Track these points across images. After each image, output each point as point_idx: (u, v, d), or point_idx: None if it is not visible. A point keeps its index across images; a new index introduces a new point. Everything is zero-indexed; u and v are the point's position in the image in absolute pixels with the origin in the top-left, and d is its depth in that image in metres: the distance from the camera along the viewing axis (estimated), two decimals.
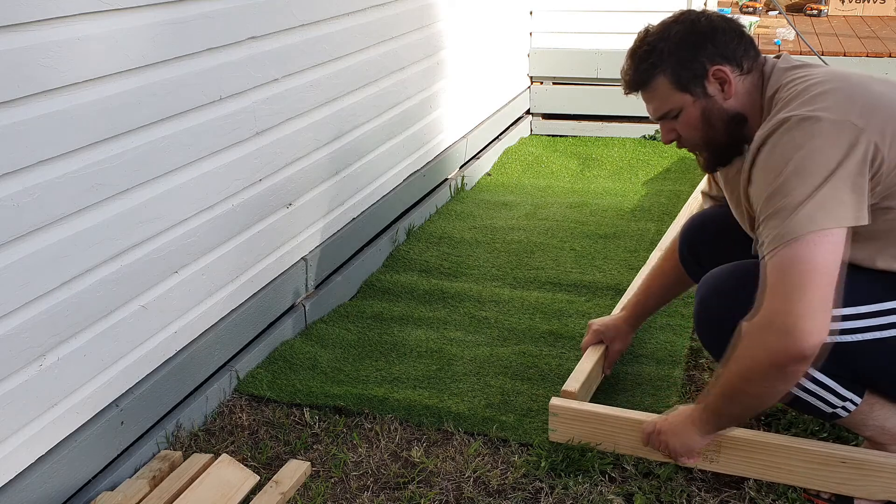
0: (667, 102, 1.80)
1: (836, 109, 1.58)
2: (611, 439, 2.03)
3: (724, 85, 1.76)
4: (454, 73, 3.93)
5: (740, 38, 1.77)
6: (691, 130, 1.81)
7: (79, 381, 1.93)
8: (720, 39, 1.76)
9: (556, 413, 2.06)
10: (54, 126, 1.76)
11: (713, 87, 1.76)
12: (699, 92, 1.77)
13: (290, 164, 2.65)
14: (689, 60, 1.75)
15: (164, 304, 2.16)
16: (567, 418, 2.06)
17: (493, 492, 1.98)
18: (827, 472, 1.84)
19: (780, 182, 1.57)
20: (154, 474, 2.01)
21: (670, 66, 1.76)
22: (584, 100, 4.91)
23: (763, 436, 1.91)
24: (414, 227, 3.53)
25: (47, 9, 1.71)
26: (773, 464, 1.89)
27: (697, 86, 1.76)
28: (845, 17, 6.19)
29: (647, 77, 1.80)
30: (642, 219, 3.61)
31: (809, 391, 1.76)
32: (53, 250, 1.80)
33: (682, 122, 1.81)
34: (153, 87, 2.02)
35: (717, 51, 1.75)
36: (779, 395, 1.67)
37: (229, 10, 2.26)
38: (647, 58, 1.78)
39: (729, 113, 1.78)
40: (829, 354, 1.67)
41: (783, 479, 1.89)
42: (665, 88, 1.79)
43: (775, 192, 1.58)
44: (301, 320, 2.75)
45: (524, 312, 2.83)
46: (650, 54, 1.78)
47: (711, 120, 1.78)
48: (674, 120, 1.82)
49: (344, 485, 2.04)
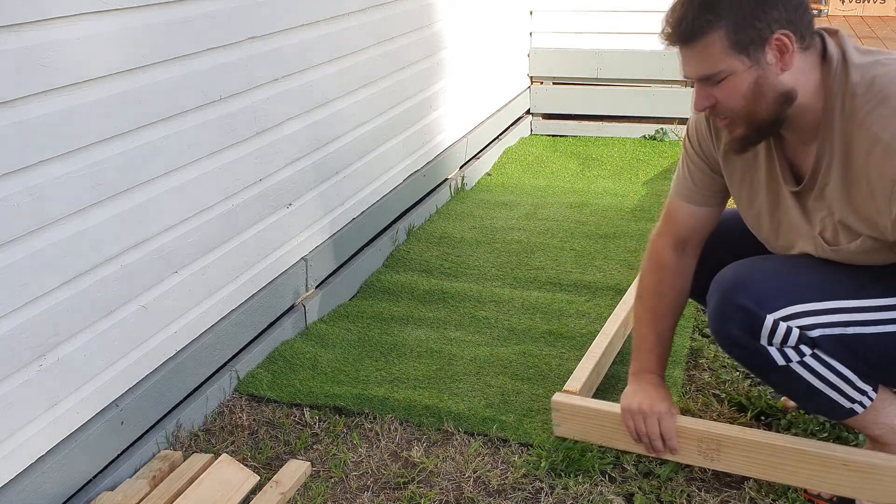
0: (717, 63, 1.59)
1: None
2: (611, 436, 2.03)
3: (783, 55, 1.58)
4: (454, 72, 3.93)
5: (806, 8, 1.59)
6: (736, 99, 1.61)
7: (79, 380, 1.93)
8: (791, 3, 1.57)
9: (558, 409, 2.07)
10: (54, 126, 1.76)
11: (772, 54, 1.58)
12: (757, 57, 1.57)
13: (290, 164, 2.65)
14: (754, 19, 1.55)
15: (164, 303, 2.16)
16: (569, 414, 2.06)
17: (493, 492, 1.98)
18: (828, 474, 1.83)
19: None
20: (154, 474, 2.01)
21: (732, 22, 1.55)
22: (584, 100, 4.92)
23: (765, 436, 1.91)
24: (414, 227, 3.53)
25: (47, 9, 1.71)
26: (774, 464, 1.88)
27: (757, 50, 1.57)
28: (845, 17, 6.19)
29: (703, 29, 1.57)
30: (642, 219, 3.60)
31: (831, 383, 1.74)
32: (53, 250, 1.80)
33: (728, 89, 1.61)
34: (153, 88, 2.02)
35: (785, 15, 1.56)
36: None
37: (229, 10, 2.26)
38: (709, 7, 1.56)
39: (782, 87, 1.60)
40: (851, 347, 1.68)
41: (785, 479, 1.89)
42: (719, 46, 1.57)
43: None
44: (301, 320, 2.75)
45: (524, 312, 2.83)
46: (713, 3, 1.56)
47: (762, 91, 1.60)
48: (715, 84, 1.62)
49: (344, 485, 2.04)
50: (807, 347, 1.71)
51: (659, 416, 1.92)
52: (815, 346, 1.71)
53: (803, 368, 1.73)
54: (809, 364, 1.73)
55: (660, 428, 1.92)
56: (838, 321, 1.68)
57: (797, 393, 1.82)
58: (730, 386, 2.31)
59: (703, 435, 1.93)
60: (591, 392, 2.24)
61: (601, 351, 2.30)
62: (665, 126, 4.79)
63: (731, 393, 2.28)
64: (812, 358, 1.72)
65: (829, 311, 1.68)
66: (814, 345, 1.71)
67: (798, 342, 1.70)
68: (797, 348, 1.71)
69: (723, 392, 2.30)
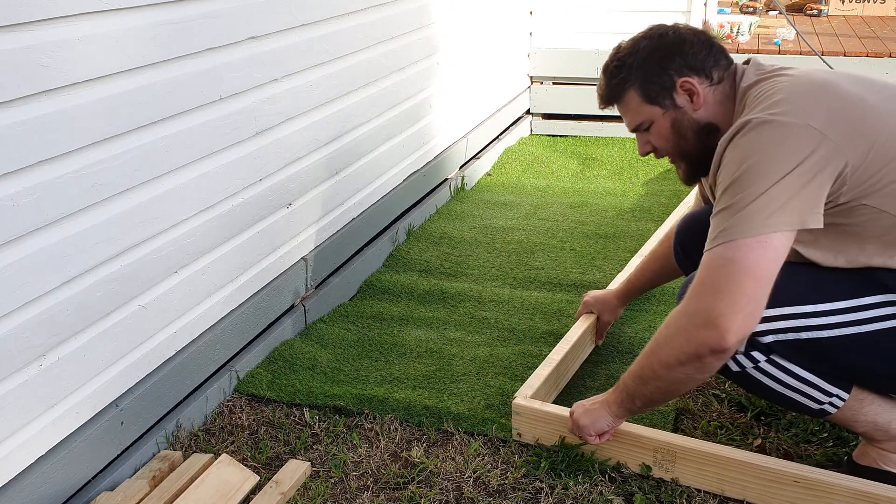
0: (638, 115, 1.87)
1: (797, 113, 1.60)
2: (573, 439, 2.05)
3: (692, 96, 1.81)
4: (454, 72, 3.93)
5: (709, 49, 1.82)
6: (663, 141, 1.88)
7: (79, 380, 1.93)
8: (688, 52, 1.81)
9: (519, 412, 2.10)
10: (54, 126, 1.76)
11: (682, 98, 1.82)
12: (668, 104, 1.83)
13: (290, 164, 2.65)
14: (656, 74, 1.82)
15: (163, 304, 2.16)
16: (530, 418, 2.09)
17: (493, 492, 1.98)
18: (780, 490, 1.84)
19: (732, 180, 1.61)
20: (154, 474, 2.01)
21: (639, 80, 1.84)
22: (584, 100, 4.91)
23: (717, 448, 1.91)
24: (414, 227, 3.53)
25: (47, 8, 1.71)
26: (726, 478, 1.89)
27: (666, 98, 1.83)
28: (845, 17, 6.19)
29: (618, 92, 1.88)
30: (642, 219, 3.60)
31: (792, 388, 1.76)
32: (53, 250, 1.80)
33: (655, 134, 1.88)
34: (153, 87, 2.02)
35: (685, 63, 1.81)
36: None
37: (229, 9, 2.26)
38: (618, 73, 1.86)
39: (699, 123, 1.83)
40: (808, 351, 1.70)
41: (736, 494, 1.89)
42: (635, 102, 1.86)
43: (727, 190, 1.62)
44: (301, 320, 2.75)
45: (524, 312, 2.83)
46: (620, 70, 1.86)
47: (682, 131, 1.84)
48: (647, 132, 1.89)
49: (344, 485, 2.04)
50: (760, 354, 1.74)
51: (593, 298, 2.51)
52: (770, 353, 1.74)
53: (760, 373, 1.76)
54: (766, 369, 1.75)
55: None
56: (791, 326, 1.70)
57: (763, 396, 1.85)
58: (730, 386, 2.31)
59: (658, 445, 1.95)
60: (552, 393, 2.27)
61: (563, 355, 2.32)
62: None
63: (732, 393, 2.28)
64: (768, 363, 1.75)
65: (781, 317, 1.70)
66: (769, 351, 1.74)
67: (750, 349, 1.73)
68: (749, 355, 1.74)
69: (723, 392, 2.30)
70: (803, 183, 1.56)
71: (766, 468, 1.84)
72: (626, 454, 1.99)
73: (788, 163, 1.57)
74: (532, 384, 2.18)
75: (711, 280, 1.59)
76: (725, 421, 2.17)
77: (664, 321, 1.71)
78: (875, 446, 1.86)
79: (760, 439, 2.10)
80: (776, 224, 1.55)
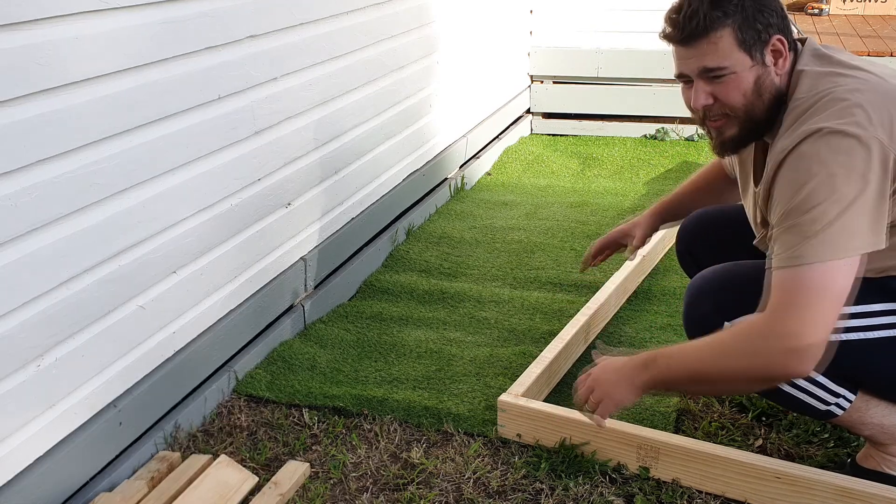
0: (726, 57, 1.63)
1: (867, 124, 1.53)
2: (556, 437, 2.05)
3: (778, 59, 1.66)
4: (453, 71, 3.92)
5: (789, 19, 1.69)
6: (739, 96, 1.65)
7: (77, 381, 1.92)
8: (781, 11, 1.66)
9: (504, 409, 2.11)
10: (52, 125, 1.75)
11: (769, 57, 1.65)
12: (759, 58, 1.64)
13: (289, 164, 2.64)
14: (756, 21, 1.62)
15: (162, 304, 2.15)
16: (515, 415, 2.10)
17: (493, 493, 1.98)
18: (762, 485, 1.84)
19: (800, 198, 1.54)
20: (152, 475, 2.00)
21: (738, 22, 1.61)
22: (584, 99, 4.91)
23: (700, 445, 1.92)
24: (413, 227, 3.53)
25: (45, 7, 1.70)
26: (709, 474, 1.89)
27: (758, 50, 1.64)
28: (846, 17, 6.18)
29: (715, 25, 1.61)
30: None
31: (800, 387, 1.75)
32: (51, 250, 1.80)
33: (730, 85, 1.65)
34: (151, 87, 2.01)
35: (778, 22, 1.65)
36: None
37: (228, 8, 2.25)
38: (718, 4, 1.61)
39: (778, 88, 1.67)
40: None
41: (719, 490, 1.89)
42: (728, 42, 1.62)
43: (795, 209, 1.54)
44: (300, 320, 2.74)
45: (524, 312, 2.82)
46: (722, 2, 1.62)
47: (761, 90, 1.65)
48: (717, 81, 1.65)
49: (343, 486, 2.03)
50: None
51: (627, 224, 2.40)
52: None
53: None
54: None
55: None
56: None
57: (769, 397, 1.83)
58: None
59: (642, 442, 1.95)
60: (543, 391, 2.28)
61: (553, 356, 2.32)
62: (666, 125, 4.78)
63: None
64: None
65: None
66: None
67: None
68: None
69: None
70: (873, 203, 1.52)
71: (747, 464, 1.84)
72: (614, 451, 1.99)
73: (858, 183, 1.51)
74: (524, 382, 2.19)
75: (795, 302, 1.53)
76: (726, 422, 2.16)
77: (731, 329, 1.64)
78: (879, 450, 1.85)
79: (762, 440, 2.09)
80: (854, 248, 1.52)
